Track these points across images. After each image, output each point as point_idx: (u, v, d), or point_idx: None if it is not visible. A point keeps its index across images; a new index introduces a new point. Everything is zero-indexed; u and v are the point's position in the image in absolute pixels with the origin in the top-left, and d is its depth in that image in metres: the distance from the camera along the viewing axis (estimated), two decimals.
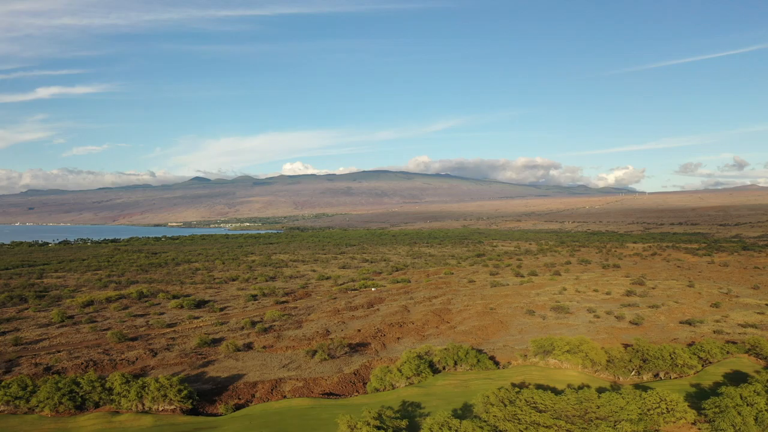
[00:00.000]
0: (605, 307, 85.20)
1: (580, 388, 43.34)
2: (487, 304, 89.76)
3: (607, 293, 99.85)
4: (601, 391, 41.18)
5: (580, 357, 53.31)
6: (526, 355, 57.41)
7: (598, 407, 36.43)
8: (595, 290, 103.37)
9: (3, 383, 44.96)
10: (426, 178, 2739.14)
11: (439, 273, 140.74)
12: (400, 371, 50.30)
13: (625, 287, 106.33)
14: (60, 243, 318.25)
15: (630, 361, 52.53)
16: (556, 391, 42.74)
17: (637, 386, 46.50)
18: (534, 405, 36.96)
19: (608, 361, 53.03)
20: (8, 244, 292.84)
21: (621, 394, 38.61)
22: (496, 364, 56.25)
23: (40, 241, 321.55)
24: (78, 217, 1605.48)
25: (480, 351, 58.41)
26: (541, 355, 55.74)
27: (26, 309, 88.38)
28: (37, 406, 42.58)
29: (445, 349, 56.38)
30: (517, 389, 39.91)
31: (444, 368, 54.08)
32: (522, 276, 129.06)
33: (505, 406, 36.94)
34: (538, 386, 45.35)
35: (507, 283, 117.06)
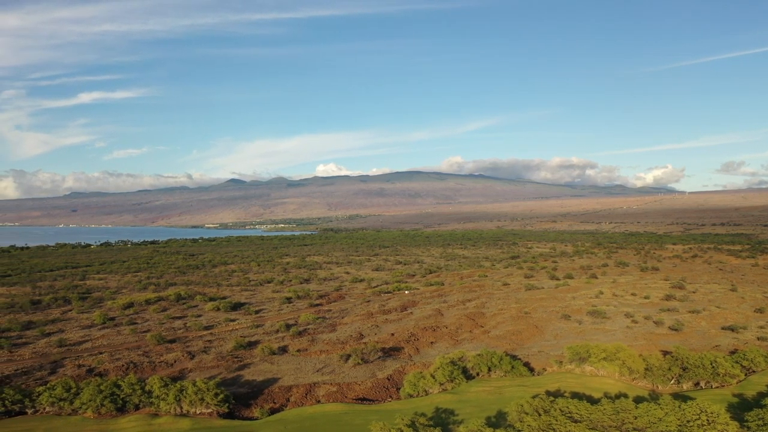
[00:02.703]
0: (643, 312, 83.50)
1: (617, 397, 42.66)
2: (521, 307, 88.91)
3: (646, 297, 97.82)
4: (638, 400, 40.48)
5: (617, 364, 52.38)
6: (561, 362, 56.67)
7: (636, 418, 35.79)
8: (633, 294, 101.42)
9: (49, 385, 46.51)
10: (459, 179, 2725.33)
11: (473, 275, 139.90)
12: (433, 377, 50.26)
13: (665, 291, 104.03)
14: (101, 245, 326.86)
15: (669, 369, 51.36)
16: (592, 400, 42.11)
17: (676, 396, 45.50)
18: (569, 415, 36.51)
19: (646, 369, 51.95)
20: (53, 246, 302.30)
21: (659, 404, 37.83)
22: (531, 370, 55.69)
23: (82, 243, 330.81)
24: (118, 219, 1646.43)
25: (514, 357, 57.96)
26: (576, 362, 54.97)
27: (70, 310, 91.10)
28: (81, 407, 43.91)
29: (479, 354, 56.08)
30: (551, 398, 39.47)
31: (478, 374, 53.82)
32: (557, 279, 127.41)
33: (540, 415, 36.57)
34: (574, 394, 44.78)
35: (542, 286, 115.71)
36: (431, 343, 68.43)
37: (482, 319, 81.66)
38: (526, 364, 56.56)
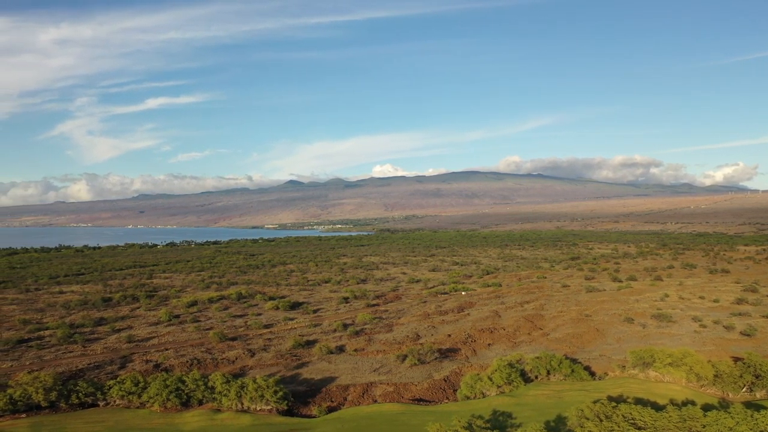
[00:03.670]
0: (712, 316, 79.87)
1: (684, 404, 41.03)
2: (582, 310, 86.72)
3: (715, 301, 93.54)
4: (707, 408, 38.82)
5: (683, 370, 50.36)
6: (624, 366, 54.99)
7: (704, 426, 34.30)
8: (701, 297, 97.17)
9: (119, 379, 48.73)
10: (517, 179, 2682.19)
11: (531, 277, 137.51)
12: (490, 379, 49.73)
13: (736, 294, 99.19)
14: (167, 245, 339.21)
15: (740, 376, 48.95)
16: (656, 407, 40.63)
17: (748, 405, 43.33)
18: (632, 421, 35.37)
19: (716, 375, 49.68)
20: (122, 246, 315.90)
21: (730, 413, 36.10)
22: (592, 374, 54.27)
23: (149, 243, 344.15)
24: (183, 220, 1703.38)
25: (574, 360, 56.63)
26: (640, 367, 53.20)
27: (138, 308, 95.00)
28: (148, 401, 45.77)
29: (538, 357, 55.11)
30: (614, 403, 38.33)
31: (536, 377, 52.89)
32: (620, 281, 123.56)
33: (601, 421, 35.59)
34: (637, 400, 43.34)
35: (603, 288, 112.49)
36: (488, 344, 67.72)
37: (541, 321, 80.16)
38: (587, 368, 55.18)
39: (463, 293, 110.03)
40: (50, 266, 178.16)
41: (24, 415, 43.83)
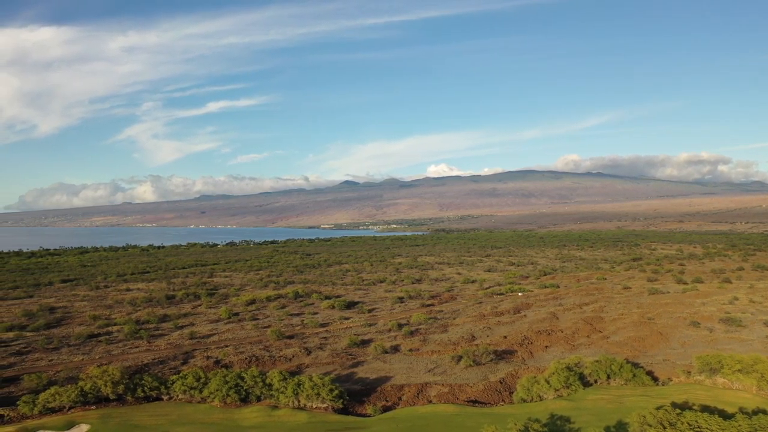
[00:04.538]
0: None
1: (755, 413, 39.07)
2: (644, 313, 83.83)
3: None
4: None
5: (754, 377, 47.95)
6: (689, 372, 52.82)
7: None
8: None
9: (181, 374, 50.43)
10: (576, 177, 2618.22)
11: (591, 278, 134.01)
12: (548, 382, 48.76)
13: None
14: (227, 244, 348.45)
15: None
16: (724, 415, 38.86)
17: None
18: (698, 429, 33.96)
19: None
20: (185, 245, 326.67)
21: None
22: (655, 380, 52.37)
23: (210, 243, 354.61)
24: (242, 220, 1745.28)
25: (636, 365, 54.82)
26: (707, 373, 50.98)
27: (199, 305, 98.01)
28: (209, 396, 47.16)
29: (597, 360, 53.63)
30: (678, 410, 36.92)
31: (595, 381, 51.50)
32: (685, 283, 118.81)
33: (665, 428, 34.33)
34: (704, 408, 41.56)
35: (667, 290, 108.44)
36: (546, 347, 66.42)
37: (601, 323, 78.00)
38: (649, 373, 53.28)
39: (519, 294, 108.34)
40: (118, 264, 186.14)
41: (94, 407, 45.95)
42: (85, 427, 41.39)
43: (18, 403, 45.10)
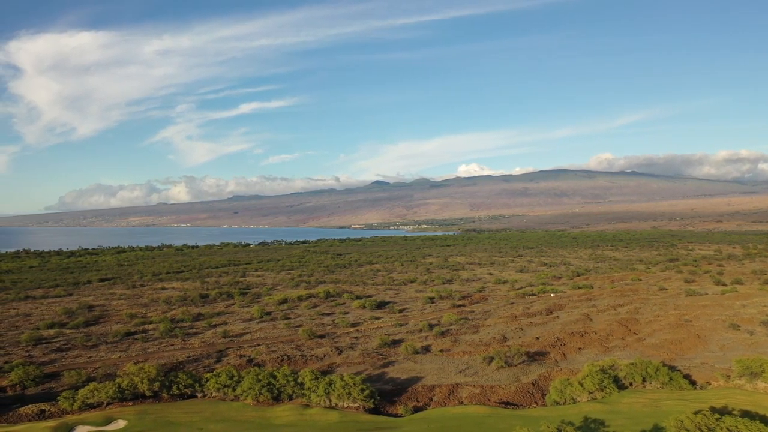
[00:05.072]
0: None
1: None
2: (681, 315, 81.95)
3: None
4: None
5: None
6: (728, 376, 51.44)
7: None
8: None
9: (215, 372, 51.21)
10: (609, 177, 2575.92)
11: (626, 279, 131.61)
12: (581, 384, 48.06)
13: None
14: (259, 244, 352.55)
15: None
16: (766, 421, 37.77)
17: None
18: None
19: None
20: (218, 245, 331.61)
21: None
22: (692, 383, 51.16)
23: (243, 243, 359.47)
24: (274, 220, 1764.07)
25: (673, 368, 53.65)
26: (747, 377, 49.58)
27: (232, 304, 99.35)
28: (242, 394, 47.79)
29: (632, 363, 52.64)
30: (717, 415, 35.99)
31: (630, 384, 50.56)
32: (724, 284, 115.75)
33: None
34: (744, 413, 40.45)
35: (705, 292, 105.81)
36: (579, 349, 65.48)
37: (636, 325, 76.55)
38: (687, 377, 52.08)
39: (552, 295, 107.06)
40: (153, 264, 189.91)
41: (131, 403, 46.98)
42: (122, 423, 42.35)
43: (58, 398, 46.41)
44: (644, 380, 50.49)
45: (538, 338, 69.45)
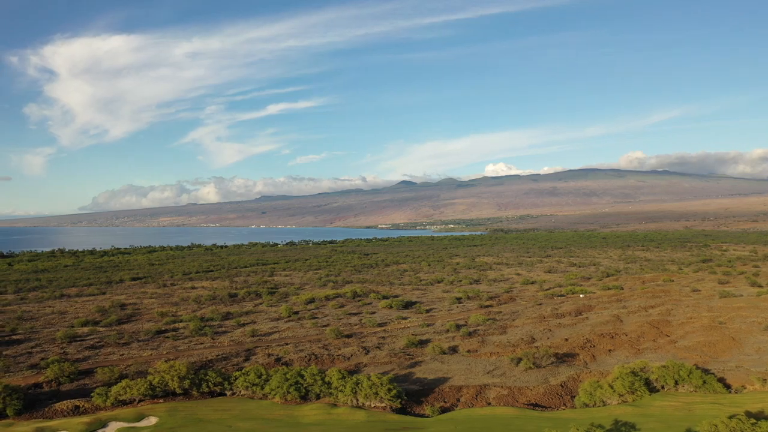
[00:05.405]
0: None
1: None
2: (714, 317, 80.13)
3: None
4: None
5: None
6: (765, 380, 50.10)
7: None
8: None
9: (243, 371, 51.78)
10: (640, 176, 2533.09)
11: (657, 280, 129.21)
12: (611, 387, 47.35)
13: None
14: (287, 244, 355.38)
15: None
16: None
17: None
18: None
19: None
20: (246, 245, 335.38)
21: None
22: (727, 387, 49.94)
23: (271, 242, 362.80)
24: (301, 220, 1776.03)
25: (706, 371, 52.47)
26: None
27: (260, 303, 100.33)
28: (270, 393, 48.25)
29: (664, 366, 51.65)
30: (753, 420, 35.13)
31: (662, 387, 49.62)
32: (759, 286, 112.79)
33: None
34: None
35: (740, 293, 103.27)
36: (609, 350, 64.51)
37: (668, 327, 75.10)
38: (721, 380, 50.87)
39: (581, 296, 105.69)
40: (183, 263, 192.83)
41: (161, 400, 47.78)
42: (153, 419, 43.11)
43: (92, 394, 47.48)
44: (677, 383, 49.51)
45: (566, 339, 68.62)
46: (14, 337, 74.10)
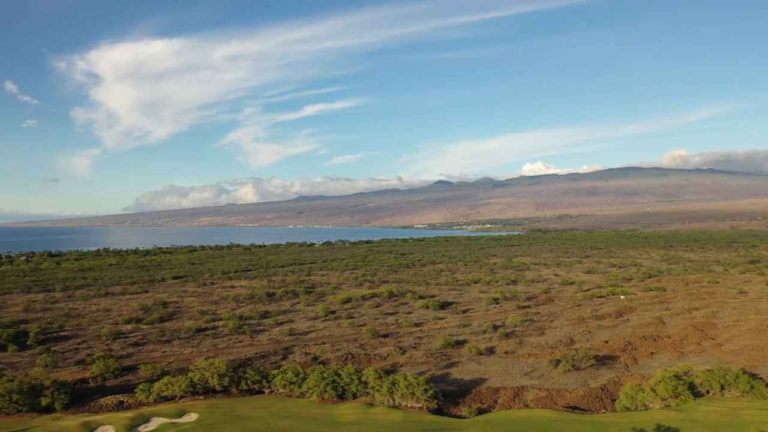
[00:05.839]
0: None
1: None
2: (762, 319, 77.39)
3: None
4: None
5: None
6: None
7: None
8: None
9: (281, 369, 52.39)
10: (683, 174, 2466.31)
11: (701, 281, 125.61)
12: (654, 391, 46.23)
13: None
14: (323, 244, 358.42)
15: None
16: None
17: None
18: None
19: None
20: (284, 245, 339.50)
21: None
22: None
23: (307, 242, 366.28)
24: (337, 220, 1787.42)
25: (754, 375, 50.74)
26: None
27: (298, 303, 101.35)
28: (307, 391, 48.68)
29: (709, 370, 50.17)
30: None
31: (707, 392, 48.20)
32: None
33: None
34: None
35: None
36: (651, 353, 63.02)
37: (713, 330, 72.93)
38: None
39: (621, 297, 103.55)
40: (223, 262, 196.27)
41: (202, 397, 48.74)
42: (194, 416, 43.99)
43: (135, 390, 48.74)
44: (722, 388, 48.02)
45: (607, 342, 67.32)
46: (62, 333, 76.70)
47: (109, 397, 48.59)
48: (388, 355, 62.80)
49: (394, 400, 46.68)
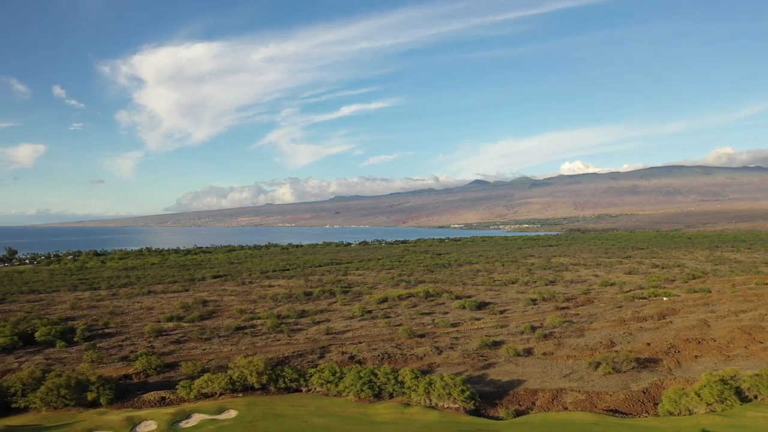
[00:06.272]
0: None
1: None
2: None
3: None
4: None
5: None
6: None
7: None
8: None
9: (318, 368, 52.85)
10: (729, 172, 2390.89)
11: (749, 283, 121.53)
12: (698, 395, 44.95)
13: None
14: (360, 244, 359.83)
15: None
16: None
17: None
18: None
19: None
20: (321, 245, 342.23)
21: None
22: None
23: (344, 242, 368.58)
24: (374, 220, 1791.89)
25: None
26: None
27: (335, 302, 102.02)
28: (344, 391, 48.98)
29: (757, 374, 48.49)
30: None
31: (755, 397, 46.61)
32: None
33: None
34: None
35: None
36: (695, 356, 61.29)
37: (761, 333, 70.47)
38: None
39: (664, 299, 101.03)
40: (261, 262, 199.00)
41: (240, 395, 49.53)
42: (233, 413, 44.74)
43: (177, 387, 49.89)
44: None
45: (649, 344, 65.77)
46: (107, 330, 79.04)
47: (152, 392, 49.85)
48: (424, 355, 62.69)
49: (430, 400, 46.58)
